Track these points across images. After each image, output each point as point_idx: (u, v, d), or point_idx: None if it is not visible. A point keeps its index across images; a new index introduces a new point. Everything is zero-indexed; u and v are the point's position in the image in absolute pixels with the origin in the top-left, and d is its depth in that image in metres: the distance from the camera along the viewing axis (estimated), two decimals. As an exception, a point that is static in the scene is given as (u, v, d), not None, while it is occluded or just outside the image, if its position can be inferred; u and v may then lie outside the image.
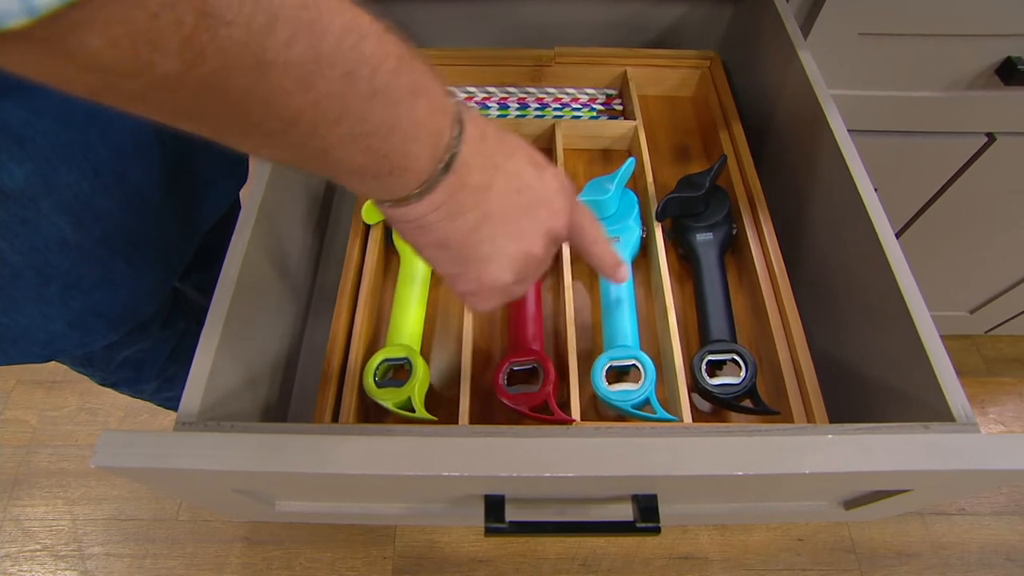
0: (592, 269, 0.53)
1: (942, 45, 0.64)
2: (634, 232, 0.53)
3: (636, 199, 0.56)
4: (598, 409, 0.48)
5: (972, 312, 1.10)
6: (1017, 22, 0.61)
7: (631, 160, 0.56)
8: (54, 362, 0.54)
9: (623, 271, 0.38)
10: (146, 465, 0.30)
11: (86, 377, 0.61)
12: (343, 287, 0.50)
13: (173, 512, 1.11)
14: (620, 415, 0.46)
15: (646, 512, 0.34)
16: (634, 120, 0.61)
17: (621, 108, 0.66)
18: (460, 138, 0.26)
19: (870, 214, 0.43)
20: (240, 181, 0.61)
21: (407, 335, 0.48)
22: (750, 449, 0.31)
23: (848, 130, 0.48)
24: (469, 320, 0.47)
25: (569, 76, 0.67)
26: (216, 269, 0.41)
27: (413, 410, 0.44)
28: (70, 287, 0.45)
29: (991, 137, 0.73)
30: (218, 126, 0.21)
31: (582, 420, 0.43)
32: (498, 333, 0.52)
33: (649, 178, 0.55)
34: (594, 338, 0.51)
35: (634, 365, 0.46)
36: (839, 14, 0.61)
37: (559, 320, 0.51)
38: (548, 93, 0.67)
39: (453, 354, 0.51)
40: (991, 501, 1.12)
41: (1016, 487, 1.13)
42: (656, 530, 0.34)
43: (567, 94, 0.68)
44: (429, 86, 0.25)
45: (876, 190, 0.45)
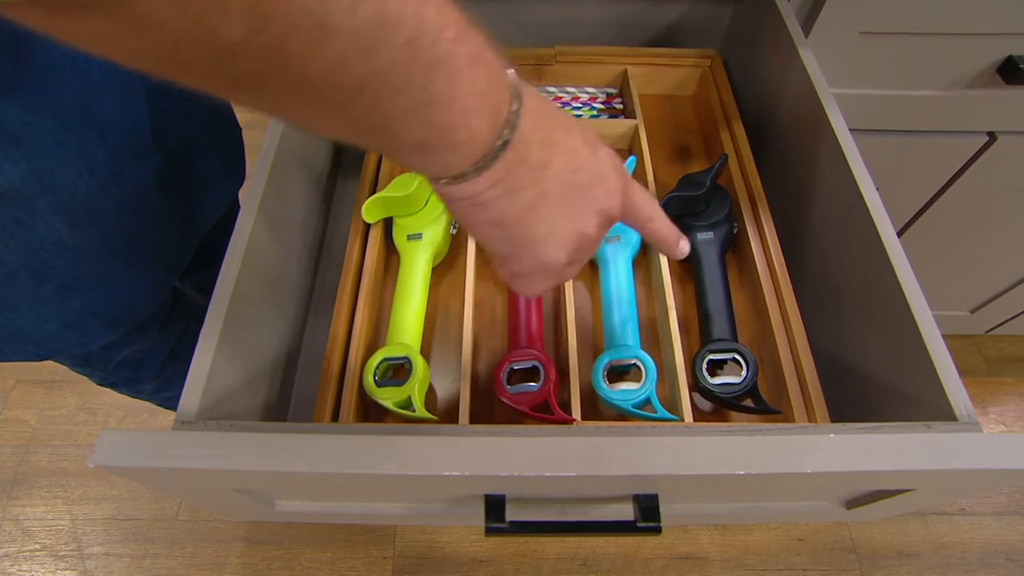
0: (590, 267, 0.54)
1: (943, 44, 0.64)
2: (635, 231, 0.53)
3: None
4: (599, 408, 0.48)
5: (973, 312, 1.10)
6: (1018, 21, 0.61)
7: (632, 159, 0.56)
8: (54, 362, 0.54)
9: (684, 245, 0.37)
10: (145, 464, 0.30)
11: (85, 377, 0.61)
12: (343, 286, 0.50)
13: (173, 512, 1.11)
14: (621, 414, 0.46)
15: (647, 512, 0.34)
16: (635, 119, 0.61)
17: (622, 107, 0.66)
18: (519, 112, 0.25)
19: (872, 213, 0.43)
20: (239, 181, 0.61)
21: (407, 334, 0.48)
22: (751, 448, 0.31)
23: (849, 129, 0.48)
24: (469, 319, 0.47)
25: (570, 75, 0.67)
26: (216, 269, 0.41)
27: (413, 409, 0.44)
28: (67, 287, 0.45)
29: (992, 136, 0.73)
30: (278, 98, 0.20)
31: (583, 419, 0.43)
32: (498, 332, 0.52)
33: (650, 177, 0.55)
34: (595, 337, 0.51)
35: (635, 364, 0.46)
36: (840, 13, 0.61)
37: (560, 319, 0.51)
38: (549, 92, 0.67)
39: (453, 353, 0.51)
40: (992, 501, 1.12)
41: (1017, 487, 1.13)
42: (657, 530, 0.34)
43: (568, 93, 0.67)
44: (489, 57, 0.24)
45: (877, 189, 0.45)
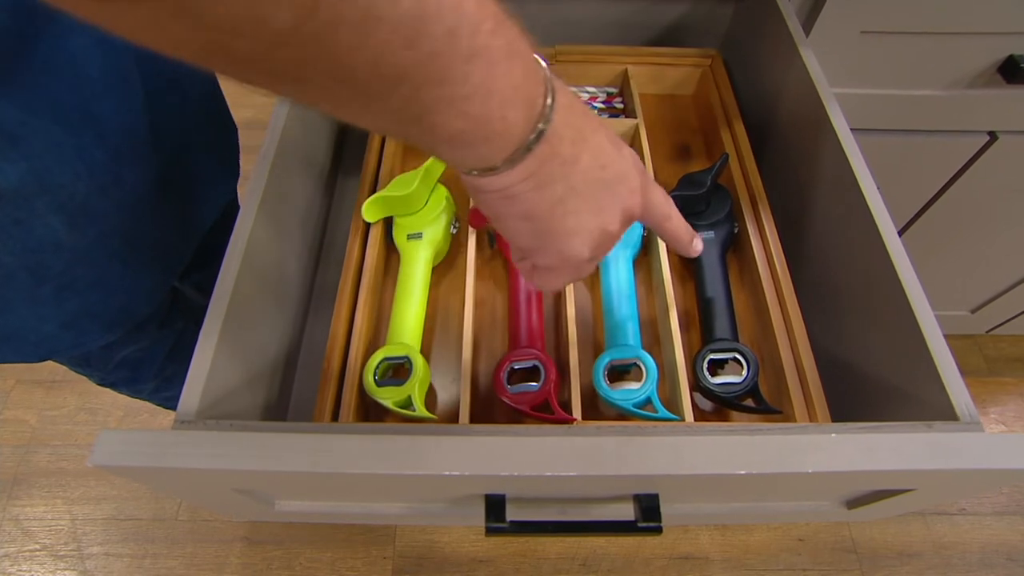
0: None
1: (944, 43, 0.64)
2: (635, 230, 0.53)
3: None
4: (599, 408, 0.48)
5: (973, 311, 1.10)
6: (1019, 20, 0.61)
7: (632, 158, 0.55)
8: (53, 362, 0.54)
9: (698, 243, 0.38)
10: (144, 464, 0.30)
11: (85, 377, 0.61)
12: (343, 286, 0.49)
13: (173, 512, 1.11)
14: (621, 414, 0.46)
15: (648, 512, 0.34)
16: (635, 118, 0.60)
17: (622, 106, 0.66)
18: (553, 106, 0.26)
19: (873, 213, 0.43)
20: (234, 181, 0.61)
21: (407, 334, 0.48)
22: (752, 448, 0.31)
23: (850, 129, 0.48)
24: (469, 319, 0.47)
25: (570, 74, 0.67)
26: (215, 268, 0.41)
27: (413, 409, 0.44)
28: (64, 288, 0.45)
29: (993, 136, 0.73)
30: (321, 88, 0.21)
31: (583, 419, 0.43)
32: (499, 332, 0.52)
33: (650, 176, 0.55)
34: (595, 337, 0.51)
35: (635, 364, 0.45)
36: (841, 12, 0.61)
37: (560, 318, 0.51)
38: (549, 91, 0.67)
39: (453, 353, 0.51)
40: (992, 501, 1.12)
41: (1017, 487, 1.13)
42: (658, 530, 0.34)
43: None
44: (524, 49, 0.24)
45: (878, 189, 0.44)
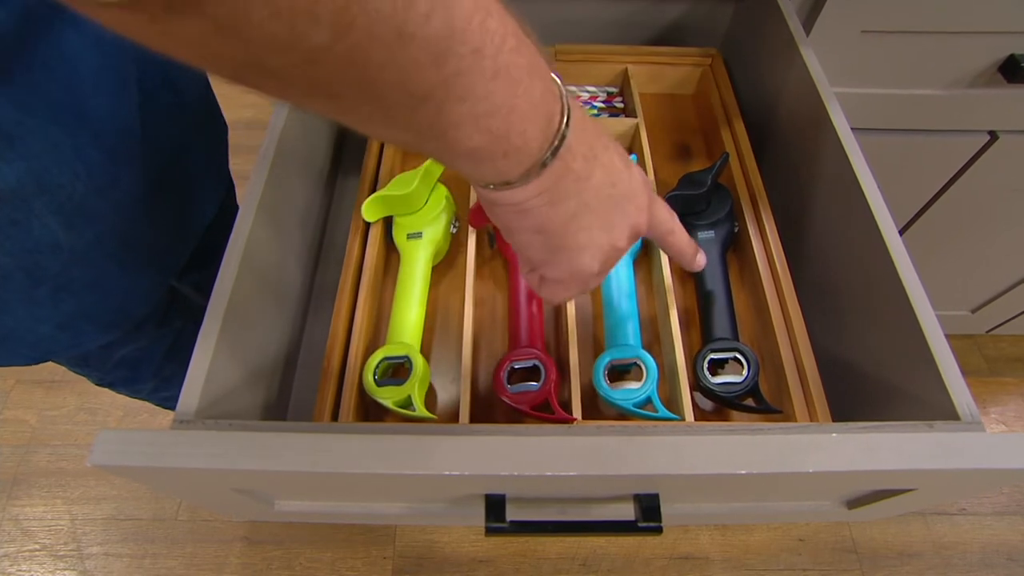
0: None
1: (945, 42, 0.64)
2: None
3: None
4: (599, 408, 0.47)
5: (974, 311, 1.10)
6: (1020, 19, 0.61)
7: (632, 158, 0.55)
8: (52, 362, 0.54)
9: (701, 258, 0.40)
10: (143, 464, 0.30)
11: (84, 377, 0.61)
12: (343, 285, 0.49)
13: (172, 512, 1.10)
14: (622, 414, 0.46)
15: (648, 512, 0.34)
16: (635, 118, 0.60)
17: (622, 106, 0.66)
18: (569, 124, 0.26)
19: (874, 212, 0.43)
20: (225, 181, 0.62)
21: (407, 333, 0.48)
22: (753, 448, 0.31)
23: (851, 128, 0.47)
24: (469, 318, 0.47)
25: (570, 74, 0.67)
26: (214, 268, 0.40)
27: (413, 408, 0.44)
28: (61, 289, 0.44)
29: (993, 135, 0.73)
30: (350, 103, 0.21)
31: (583, 419, 0.43)
32: (499, 331, 0.51)
33: (650, 176, 0.55)
34: (595, 336, 0.51)
35: (636, 364, 0.45)
36: (841, 11, 0.61)
37: (560, 318, 0.51)
38: (549, 91, 0.67)
39: (453, 352, 0.51)
40: (992, 501, 1.12)
41: (1017, 487, 1.13)
42: (658, 530, 0.34)
43: (568, 92, 0.67)
44: (542, 67, 0.25)
45: (879, 188, 0.44)
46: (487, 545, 1.07)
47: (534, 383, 0.44)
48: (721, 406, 0.47)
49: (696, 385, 0.46)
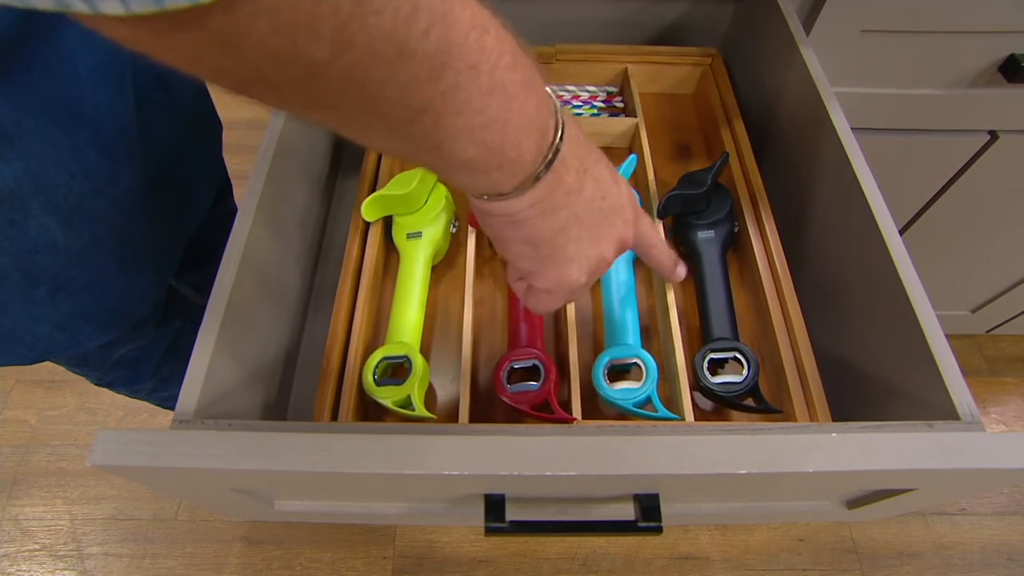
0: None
1: (945, 42, 0.63)
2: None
3: (637, 197, 0.55)
4: (599, 407, 0.47)
5: (974, 311, 1.10)
6: (1020, 19, 0.61)
7: (632, 157, 0.55)
8: (51, 362, 0.54)
9: (681, 270, 0.41)
10: (143, 464, 0.30)
11: (83, 377, 0.61)
12: (342, 285, 0.49)
13: (172, 512, 1.10)
14: (621, 414, 0.46)
15: (648, 512, 0.34)
16: (635, 117, 0.60)
17: (622, 105, 0.66)
18: (563, 138, 0.27)
19: (874, 212, 0.43)
20: (219, 180, 0.61)
21: (407, 333, 0.48)
22: (753, 448, 0.31)
23: (851, 128, 0.47)
24: (469, 318, 0.47)
25: (570, 73, 0.67)
26: (213, 268, 0.40)
27: (412, 408, 0.44)
28: (59, 290, 0.44)
29: (993, 135, 0.73)
30: (349, 116, 0.22)
31: (583, 419, 0.43)
32: (498, 331, 0.51)
33: (650, 175, 0.55)
34: (595, 336, 0.51)
35: (635, 363, 0.45)
36: (841, 11, 0.61)
37: (560, 318, 0.51)
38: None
39: (453, 352, 0.51)
40: (992, 501, 1.12)
41: (1017, 487, 1.13)
42: (658, 530, 0.34)
43: (568, 91, 0.67)
44: (537, 82, 0.25)
45: (879, 188, 0.44)
46: (487, 545, 1.07)
47: (534, 383, 0.44)
48: (721, 406, 0.47)
49: (696, 385, 0.46)
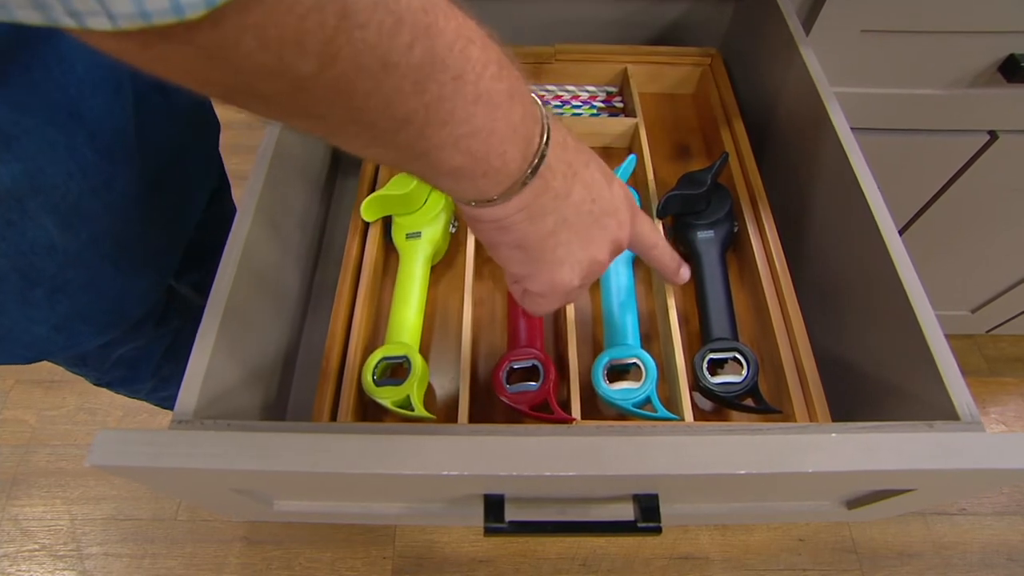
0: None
1: (944, 42, 0.63)
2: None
3: (637, 197, 0.55)
4: (599, 408, 0.47)
5: (974, 311, 1.10)
6: (1020, 19, 0.61)
7: (632, 157, 0.55)
8: (51, 362, 0.54)
9: (684, 272, 0.40)
10: (141, 464, 0.30)
11: (82, 377, 0.60)
12: (342, 285, 0.49)
13: (172, 512, 1.10)
14: (621, 414, 0.46)
15: (647, 512, 0.34)
16: (635, 117, 0.60)
17: (622, 105, 0.66)
18: (548, 144, 0.27)
19: (873, 212, 0.43)
20: (216, 180, 0.62)
21: (406, 333, 0.48)
22: (752, 448, 0.31)
23: (850, 128, 0.47)
24: (468, 318, 0.47)
25: (569, 73, 0.67)
26: (212, 268, 0.40)
27: (412, 408, 0.44)
28: (56, 291, 0.44)
29: (993, 135, 0.73)
30: (334, 126, 0.22)
31: (582, 419, 0.43)
32: (498, 331, 0.51)
33: (650, 175, 0.55)
34: (595, 336, 0.51)
35: (635, 363, 0.45)
36: (841, 11, 0.61)
37: (559, 318, 0.51)
38: (548, 90, 0.67)
39: (452, 352, 0.51)
40: (992, 501, 1.12)
41: (1017, 487, 1.13)
42: (657, 530, 0.34)
43: (567, 91, 0.67)
44: (523, 91, 0.26)
45: (878, 188, 0.44)
46: (487, 545, 1.07)
47: (533, 383, 0.44)
48: (720, 406, 0.47)
49: (695, 385, 0.46)
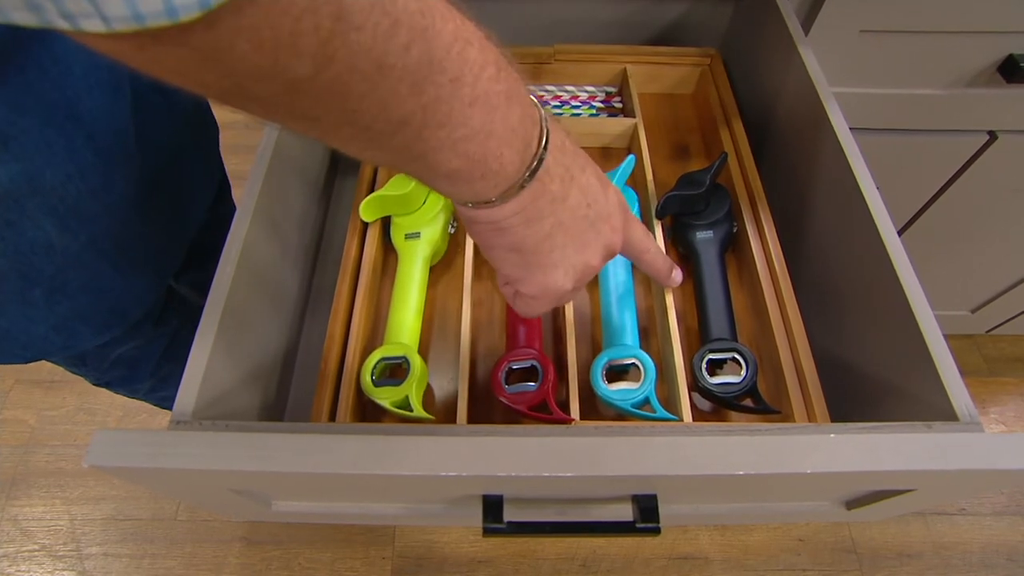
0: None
1: (944, 42, 0.63)
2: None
3: (636, 197, 0.55)
4: (597, 408, 0.47)
5: (973, 311, 1.10)
6: (1019, 19, 0.61)
7: (631, 158, 0.55)
8: (50, 362, 0.54)
9: (676, 276, 0.41)
10: (140, 465, 0.30)
11: (81, 377, 0.60)
12: (340, 285, 0.49)
13: (171, 512, 1.10)
14: (620, 414, 0.46)
15: (646, 512, 0.34)
16: (634, 118, 0.60)
17: (621, 106, 0.66)
18: (546, 147, 0.27)
19: (872, 212, 0.43)
20: (216, 181, 0.61)
21: (405, 334, 0.48)
22: (751, 448, 0.30)
23: (849, 128, 0.47)
24: (467, 319, 0.47)
25: (569, 73, 0.67)
26: (211, 268, 0.40)
27: (410, 409, 0.44)
28: (55, 291, 0.44)
29: (992, 135, 0.73)
30: (330, 127, 0.22)
31: (581, 419, 0.43)
32: (496, 332, 0.51)
33: (649, 176, 0.55)
34: (593, 336, 0.51)
35: (634, 364, 0.45)
36: (840, 11, 0.61)
37: (558, 318, 0.51)
38: (547, 91, 0.67)
39: (451, 353, 0.51)
40: (992, 501, 1.12)
41: (1017, 487, 1.13)
42: (656, 530, 0.34)
43: (567, 91, 0.67)
44: (522, 93, 0.26)
45: (877, 188, 0.44)
46: (486, 545, 1.07)
47: (532, 383, 0.44)
48: (719, 406, 0.47)
49: (694, 385, 0.46)
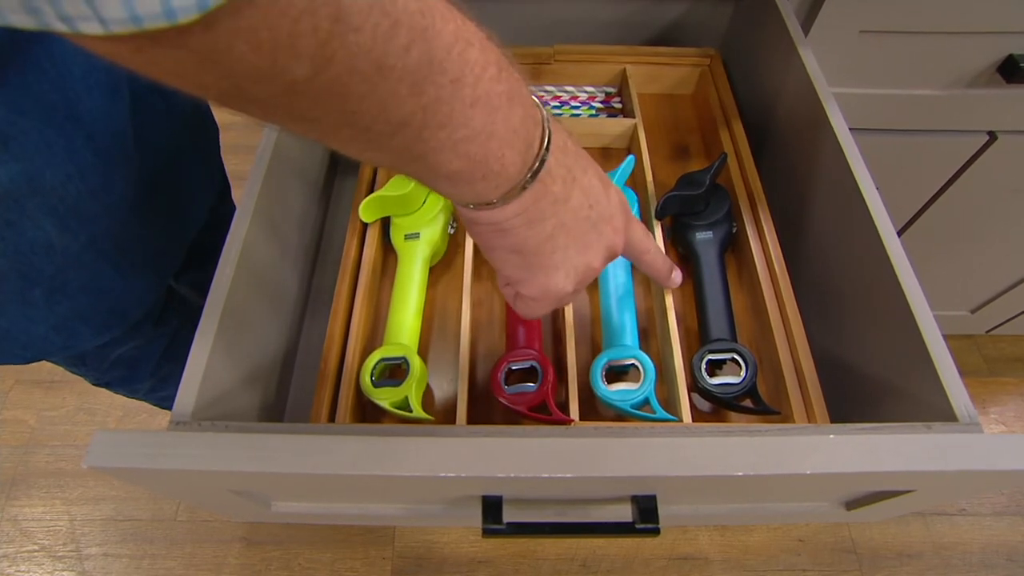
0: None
1: (943, 43, 0.63)
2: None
3: (635, 197, 0.55)
4: (597, 409, 0.47)
5: (973, 312, 1.10)
6: (1019, 19, 0.61)
7: (630, 158, 0.55)
8: (50, 362, 0.54)
9: (676, 276, 0.40)
10: (139, 465, 0.30)
11: (81, 377, 0.60)
12: (340, 286, 0.49)
13: (171, 512, 1.10)
14: (619, 415, 0.46)
15: (645, 513, 0.34)
16: (633, 118, 0.60)
17: (620, 106, 0.66)
18: (548, 148, 0.27)
19: (872, 213, 0.43)
20: (217, 182, 0.61)
21: (404, 334, 0.48)
22: (750, 449, 0.30)
23: (849, 128, 0.47)
24: (467, 319, 0.47)
25: (568, 74, 0.67)
26: (212, 268, 0.40)
27: (410, 410, 0.44)
28: (55, 292, 0.44)
29: (992, 136, 0.73)
30: (330, 128, 0.22)
31: (581, 420, 0.43)
32: (496, 332, 0.51)
33: (648, 176, 0.55)
34: (593, 337, 0.51)
35: (633, 365, 0.45)
36: (840, 11, 0.61)
37: (558, 319, 0.51)
38: (547, 91, 0.67)
39: (450, 353, 0.51)
40: (992, 502, 1.12)
41: (1017, 487, 1.13)
42: (655, 531, 0.34)
43: (566, 92, 0.67)
44: (523, 94, 0.26)
45: (877, 189, 0.44)
46: (486, 546, 1.07)
47: (531, 384, 0.44)
48: (719, 407, 0.47)
49: (694, 386, 0.46)
